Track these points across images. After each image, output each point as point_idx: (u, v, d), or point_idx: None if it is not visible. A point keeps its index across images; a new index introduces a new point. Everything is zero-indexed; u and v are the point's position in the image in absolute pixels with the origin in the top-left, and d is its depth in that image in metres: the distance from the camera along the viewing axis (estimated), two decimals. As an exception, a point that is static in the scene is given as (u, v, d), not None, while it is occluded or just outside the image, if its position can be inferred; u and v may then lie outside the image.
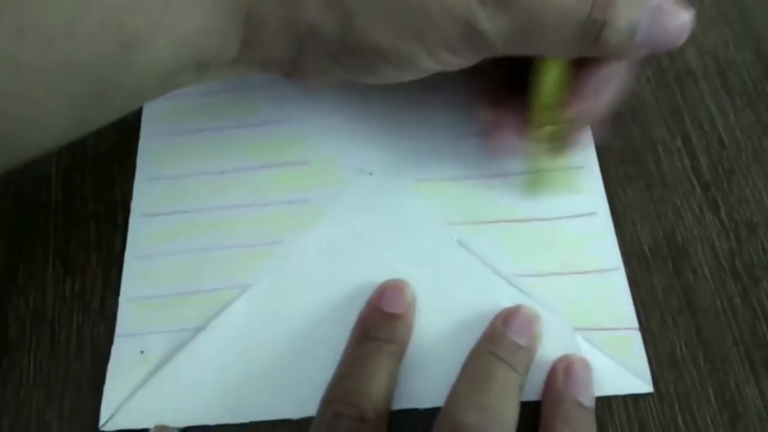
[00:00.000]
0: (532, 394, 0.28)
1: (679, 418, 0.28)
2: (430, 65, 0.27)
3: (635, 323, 0.29)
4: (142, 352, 0.28)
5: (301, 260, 0.30)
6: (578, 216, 0.31)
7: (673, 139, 0.33)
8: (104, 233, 0.31)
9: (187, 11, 0.23)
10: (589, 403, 0.27)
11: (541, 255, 0.30)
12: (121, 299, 0.30)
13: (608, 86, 0.29)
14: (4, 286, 0.30)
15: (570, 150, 0.31)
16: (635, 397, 0.28)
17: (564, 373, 0.27)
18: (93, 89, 0.23)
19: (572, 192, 0.31)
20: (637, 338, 0.29)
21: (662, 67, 0.35)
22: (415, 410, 0.28)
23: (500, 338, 0.28)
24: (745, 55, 0.35)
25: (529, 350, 0.28)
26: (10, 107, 0.22)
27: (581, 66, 0.28)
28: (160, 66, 0.24)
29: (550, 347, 0.28)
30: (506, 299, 0.29)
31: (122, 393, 0.28)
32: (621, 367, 0.28)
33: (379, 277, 0.29)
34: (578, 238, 0.30)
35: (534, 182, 0.32)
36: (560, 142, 0.30)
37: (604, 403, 0.28)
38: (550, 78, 0.28)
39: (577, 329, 0.29)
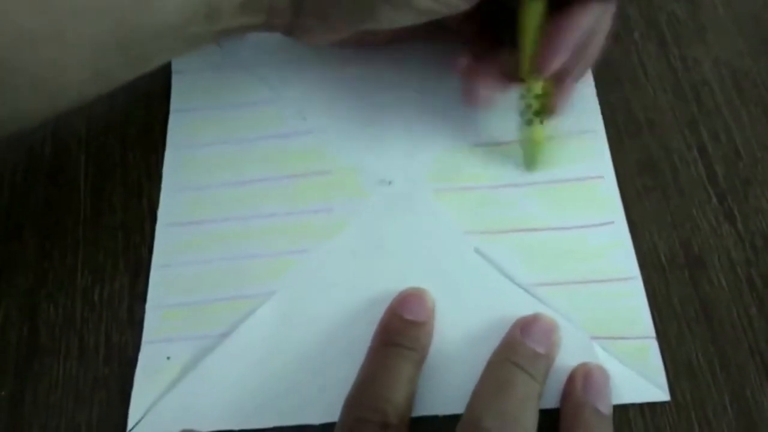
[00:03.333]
0: (551, 401, 0.28)
1: (696, 427, 0.28)
2: (426, 4, 0.27)
3: (652, 332, 0.29)
4: (168, 358, 0.29)
5: (324, 269, 0.31)
6: (595, 225, 0.31)
7: (689, 149, 0.34)
8: (132, 242, 0.32)
9: None
10: (607, 410, 0.27)
11: (559, 264, 0.30)
12: (147, 306, 0.30)
13: (592, 38, 0.30)
14: (35, 293, 0.31)
15: (559, 109, 0.31)
16: (652, 406, 0.28)
17: (582, 380, 0.28)
18: (115, 33, 0.24)
19: (590, 202, 0.32)
20: (654, 347, 0.29)
21: (678, 77, 0.36)
22: (435, 417, 0.28)
23: (519, 346, 0.28)
24: (761, 66, 0.36)
25: (548, 358, 0.28)
26: (43, 49, 0.23)
27: (564, 16, 0.29)
28: (175, 10, 0.25)
29: (568, 355, 0.28)
30: (524, 308, 0.29)
31: (149, 398, 0.28)
32: (638, 376, 0.28)
33: (399, 284, 0.30)
34: (595, 248, 0.31)
35: (530, 153, 0.32)
36: (549, 100, 0.31)
37: (622, 411, 0.28)
38: (532, 23, 0.28)
39: (594, 338, 0.29)
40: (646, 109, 0.35)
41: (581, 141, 0.33)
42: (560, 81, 0.31)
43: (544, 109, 0.31)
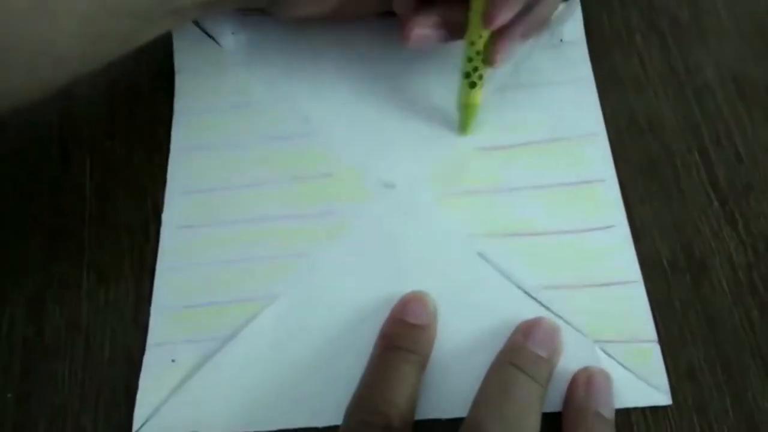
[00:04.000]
0: (553, 405, 0.28)
1: (698, 430, 0.28)
2: None
3: (654, 336, 0.29)
4: (173, 360, 0.29)
5: (326, 272, 0.31)
6: (597, 229, 0.31)
7: (691, 153, 0.34)
8: (137, 244, 0.32)
9: None
10: (610, 414, 0.27)
11: (561, 268, 0.30)
12: (152, 309, 0.30)
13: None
14: (41, 295, 0.31)
15: (497, 62, 0.31)
16: (654, 409, 0.29)
17: (585, 384, 0.28)
18: (103, 7, 0.25)
19: (591, 205, 0.32)
20: (656, 350, 0.29)
21: (680, 81, 0.36)
22: (438, 420, 0.28)
23: (522, 350, 0.28)
24: (762, 71, 0.36)
25: (551, 362, 0.28)
26: (35, 27, 0.23)
27: None
28: None
29: (570, 359, 0.29)
30: (526, 311, 0.30)
31: (155, 400, 0.29)
32: (640, 380, 0.29)
33: (402, 288, 0.30)
34: (597, 251, 0.31)
35: (466, 116, 0.33)
36: (487, 52, 0.31)
37: (624, 414, 0.28)
38: None
39: (597, 341, 0.29)
40: (648, 112, 0.35)
41: (583, 145, 0.33)
42: (503, 36, 0.31)
43: (483, 59, 0.31)
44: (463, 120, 0.33)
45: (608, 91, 0.35)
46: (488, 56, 0.31)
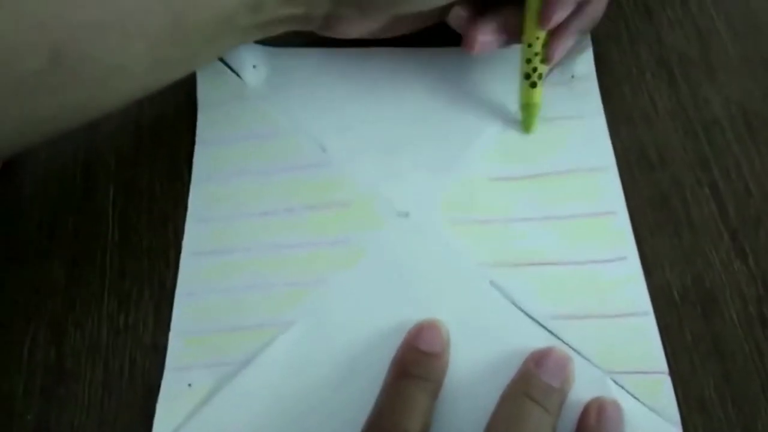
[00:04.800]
0: (564, 434, 0.28)
1: (708, 461, 0.28)
2: None
3: (665, 367, 0.30)
4: (189, 385, 0.30)
5: (341, 299, 0.32)
6: (608, 261, 0.32)
7: (701, 187, 0.34)
8: (157, 270, 0.33)
9: None
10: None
11: (572, 298, 0.31)
12: (171, 334, 0.31)
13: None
14: (62, 318, 0.32)
15: (554, 59, 0.33)
16: (665, 441, 0.29)
17: (596, 414, 0.28)
18: (169, 26, 0.26)
19: (602, 237, 0.33)
20: (666, 382, 0.29)
21: (689, 116, 0.36)
22: (449, 447, 0.29)
23: (533, 379, 0.28)
24: (771, 106, 0.37)
25: (562, 392, 0.29)
26: (107, 39, 0.24)
27: None
28: (224, 3, 0.27)
29: (581, 389, 0.29)
30: (538, 341, 0.30)
31: (171, 425, 0.29)
32: (651, 411, 0.29)
33: (415, 316, 0.30)
34: (608, 283, 0.31)
35: (529, 116, 0.35)
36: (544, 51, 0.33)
37: (634, 446, 0.29)
38: None
39: (608, 372, 0.30)
40: (657, 146, 0.36)
41: (594, 178, 0.34)
42: (559, 34, 0.33)
43: (541, 58, 0.33)
44: (526, 119, 0.35)
45: (619, 126, 0.36)
46: (546, 55, 0.33)
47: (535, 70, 0.33)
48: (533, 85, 0.34)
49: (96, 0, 0.24)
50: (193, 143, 0.36)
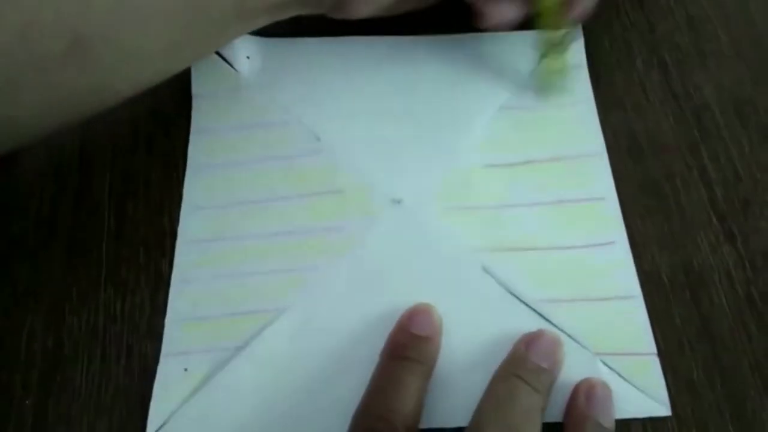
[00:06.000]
0: (555, 415, 0.29)
1: (697, 442, 0.29)
2: None
3: (653, 348, 0.30)
4: (185, 369, 0.30)
5: (335, 285, 0.32)
6: (598, 245, 0.32)
7: (690, 171, 0.35)
8: (153, 258, 0.33)
9: None
10: (609, 424, 0.28)
11: (563, 282, 0.31)
12: (167, 320, 0.31)
13: None
14: (60, 307, 0.32)
15: (573, 21, 0.34)
16: (654, 421, 0.29)
17: (585, 394, 0.29)
18: (184, 10, 0.26)
19: (592, 222, 0.33)
20: (655, 363, 0.30)
21: (680, 103, 0.37)
22: (442, 430, 0.29)
23: (524, 361, 0.29)
24: (760, 92, 0.37)
25: (552, 373, 0.29)
26: (125, 22, 0.25)
27: None
28: None
29: (571, 371, 0.29)
30: (529, 324, 0.30)
31: (168, 409, 0.29)
32: (640, 391, 0.29)
33: (408, 300, 0.31)
34: (598, 267, 0.32)
35: (544, 80, 0.35)
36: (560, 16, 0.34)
37: (624, 426, 0.29)
38: None
39: (597, 354, 0.30)
40: (648, 133, 0.36)
41: (585, 164, 0.34)
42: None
43: (556, 19, 0.34)
44: (544, 85, 0.36)
45: (610, 112, 0.36)
46: (564, 18, 0.34)
47: (552, 40, 0.34)
48: (553, 53, 0.34)
49: None
50: (188, 134, 0.36)
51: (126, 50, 0.26)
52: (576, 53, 0.38)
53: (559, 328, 0.30)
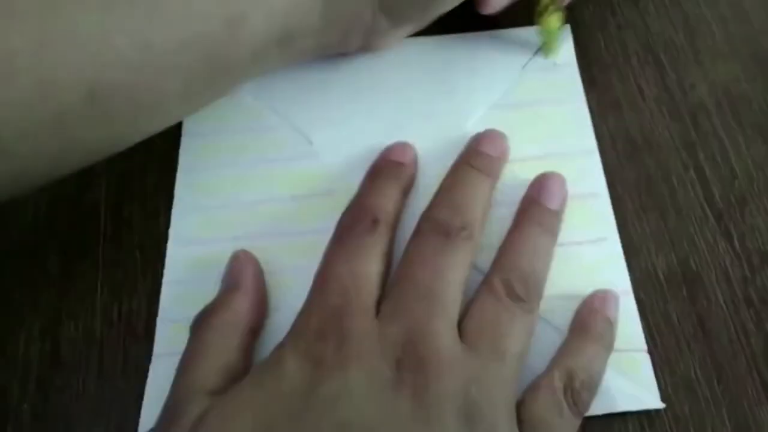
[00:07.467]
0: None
1: (694, 440, 0.28)
2: None
3: (644, 345, 0.30)
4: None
5: None
6: (590, 241, 0.32)
7: (686, 170, 0.35)
8: (149, 262, 0.33)
9: None
10: (556, 207, 0.31)
11: (555, 278, 0.31)
12: (158, 320, 0.31)
13: None
14: (57, 311, 0.32)
15: None
16: (651, 420, 0.29)
17: (538, 184, 0.32)
18: (203, 64, 0.27)
19: (584, 218, 0.33)
20: (646, 359, 0.29)
21: (675, 101, 0.37)
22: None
23: (473, 152, 0.33)
24: (756, 90, 0.37)
25: (500, 159, 0.33)
26: (141, 76, 0.25)
27: None
28: (255, 39, 0.28)
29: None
30: None
31: (159, 409, 0.29)
32: (631, 385, 0.29)
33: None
34: (589, 263, 0.31)
35: (548, 41, 0.37)
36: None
37: (621, 424, 0.29)
38: None
39: (589, 351, 0.30)
40: (643, 131, 0.36)
41: (575, 160, 0.34)
42: None
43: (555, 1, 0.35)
44: (547, 45, 0.37)
45: (605, 111, 0.36)
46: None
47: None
48: (548, 12, 0.35)
49: (132, 41, 0.24)
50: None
51: (143, 103, 0.26)
52: (565, 52, 0.38)
53: (550, 323, 0.30)
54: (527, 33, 0.38)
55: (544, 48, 0.37)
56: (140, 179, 0.36)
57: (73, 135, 0.26)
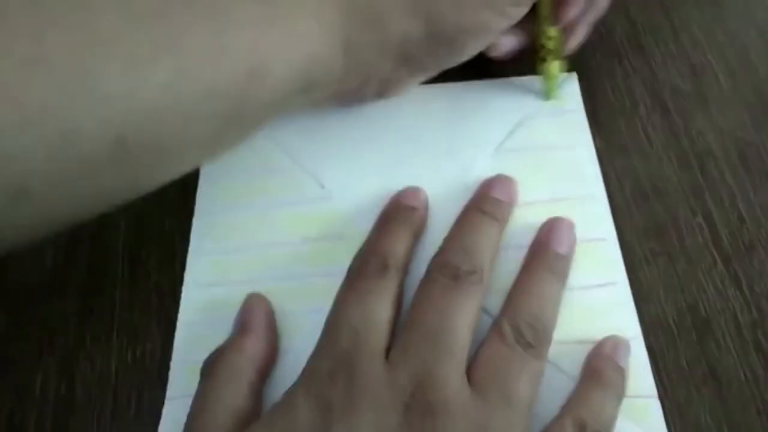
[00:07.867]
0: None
1: (704, 487, 0.28)
2: (500, 24, 0.34)
3: (654, 391, 0.30)
4: (191, 413, 0.31)
5: None
6: (599, 286, 0.32)
7: (694, 215, 0.35)
8: (165, 304, 0.34)
9: (300, 41, 0.28)
10: (566, 252, 0.32)
11: (563, 323, 0.31)
12: (172, 363, 0.32)
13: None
14: (74, 352, 0.33)
15: (570, 50, 0.37)
16: (663, 469, 0.29)
17: (547, 228, 0.33)
18: (227, 113, 0.27)
19: (592, 263, 0.33)
20: (656, 405, 0.29)
21: (683, 147, 0.37)
22: None
23: (484, 197, 0.34)
24: (763, 136, 0.37)
25: (510, 204, 0.34)
26: (167, 126, 0.26)
27: None
28: (277, 89, 0.28)
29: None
30: None
31: (173, 453, 0.30)
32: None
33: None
34: (598, 308, 0.32)
35: (547, 86, 0.38)
36: (561, 44, 0.37)
37: (632, 472, 0.29)
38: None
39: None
40: (651, 177, 0.36)
41: (583, 205, 0.35)
42: (572, 28, 0.37)
43: (557, 51, 0.37)
44: (548, 89, 0.38)
45: (613, 156, 0.37)
46: (563, 45, 0.37)
47: (544, 46, 0.36)
48: (543, 60, 0.37)
49: (158, 89, 0.25)
50: (199, 180, 0.37)
51: (167, 150, 0.27)
52: (572, 98, 0.39)
53: (559, 369, 0.30)
54: (533, 81, 0.39)
55: (544, 92, 0.38)
56: (158, 222, 0.36)
57: (98, 182, 0.26)
